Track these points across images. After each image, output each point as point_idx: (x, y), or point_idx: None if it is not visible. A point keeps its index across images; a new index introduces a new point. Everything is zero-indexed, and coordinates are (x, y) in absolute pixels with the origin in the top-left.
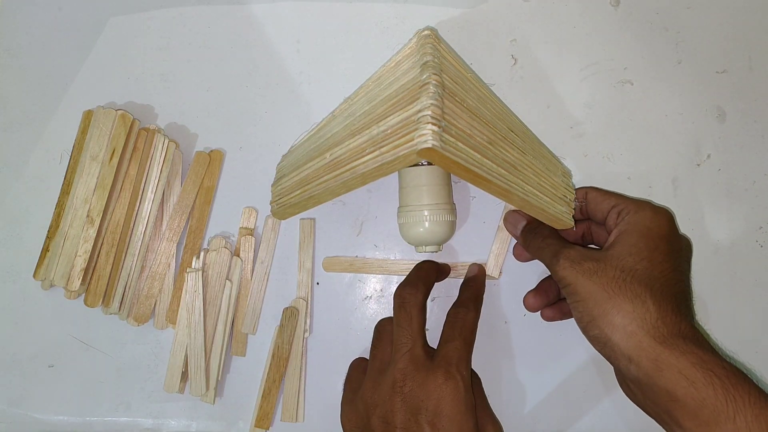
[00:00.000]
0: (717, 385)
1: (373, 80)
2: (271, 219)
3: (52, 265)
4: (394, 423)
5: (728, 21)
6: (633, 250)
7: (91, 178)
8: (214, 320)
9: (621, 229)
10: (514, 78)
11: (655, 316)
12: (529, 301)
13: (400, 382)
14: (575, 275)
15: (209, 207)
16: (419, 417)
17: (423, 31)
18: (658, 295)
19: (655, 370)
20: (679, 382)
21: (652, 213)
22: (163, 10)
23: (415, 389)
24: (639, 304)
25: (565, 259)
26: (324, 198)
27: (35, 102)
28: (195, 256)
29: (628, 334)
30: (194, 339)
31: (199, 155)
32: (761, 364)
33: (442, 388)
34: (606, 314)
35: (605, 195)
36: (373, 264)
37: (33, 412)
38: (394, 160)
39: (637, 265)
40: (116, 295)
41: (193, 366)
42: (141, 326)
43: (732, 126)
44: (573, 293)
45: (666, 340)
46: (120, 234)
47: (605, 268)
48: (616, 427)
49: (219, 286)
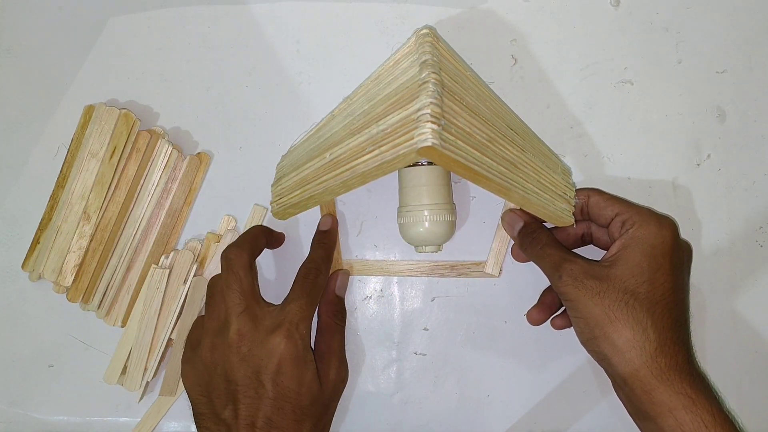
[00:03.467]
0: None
1: (372, 79)
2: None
3: (42, 258)
4: (235, 381)
5: (728, 21)
6: (636, 270)
7: (89, 175)
8: (165, 321)
9: (624, 243)
10: (514, 78)
11: (655, 346)
12: (533, 316)
13: (237, 343)
14: (577, 294)
15: (189, 208)
16: (261, 375)
17: (421, 30)
18: (659, 322)
19: (648, 402)
20: (667, 420)
21: (656, 228)
22: (163, 10)
23: (254, 349)
24: (640, 332)
25: (568, 276)
26: (324, 198)
27: (35, 102)
28: (164, 255)
29: (626, 360)
30: (143, 335)
31: (192, 159)
32: (761, 364)
33: (282, 348)
34: (607, 337)
35: (609, 200)
36: (373, 266)
37: (33, 412)
38: (394, 159)
39: (640, 287)
40: (97, 293)
41: (134, 361)
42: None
43: (732, 126)
44: (574, 309)
45: (662, 373)
46: (110, 233)
47: (608, 289)
48: (615, 427)
49: (177, 288)
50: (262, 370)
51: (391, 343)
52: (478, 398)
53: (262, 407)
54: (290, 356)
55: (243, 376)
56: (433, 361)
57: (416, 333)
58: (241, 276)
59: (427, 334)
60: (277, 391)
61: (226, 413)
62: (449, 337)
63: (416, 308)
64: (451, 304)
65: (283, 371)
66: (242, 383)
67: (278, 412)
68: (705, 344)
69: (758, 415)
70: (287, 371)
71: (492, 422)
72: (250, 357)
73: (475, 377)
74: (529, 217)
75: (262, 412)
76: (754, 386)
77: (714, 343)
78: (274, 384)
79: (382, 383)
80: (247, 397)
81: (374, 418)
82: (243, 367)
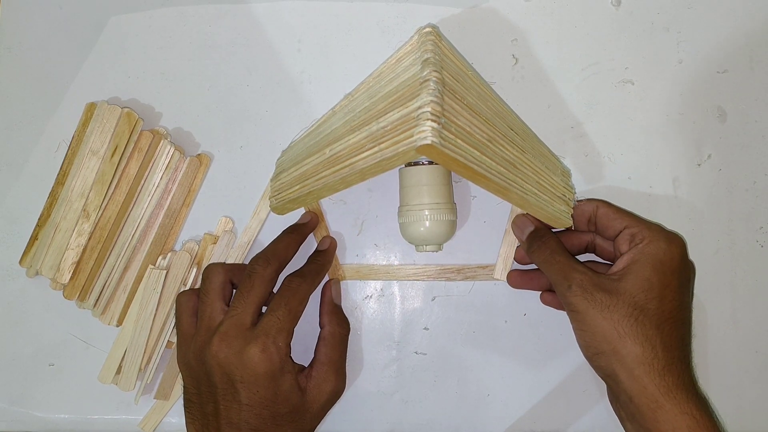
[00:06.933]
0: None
1: (373, 77)
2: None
3: (40, 255)
4: (215, 384)
5: (729, 21)
6: (646, 285)
7: (89, 173)
8: (161, 322)
9: (634, 257)
10: (515, 78)
11: (663, 363)
12: (514, 279)
13: (217, 348)
14: (586, 306)
15: (188, 209)
16: (236, 384)
17: (424, 28)
18: (667, 339)
19: (653, 420)
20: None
21: (666, 244)
22: (163, 9)
23: (231, 357)
24: (649, 349)
25: (578, 287)
26: (323, 193)
27: (35, 101)
28: (162, 255)
29: (634, 377)
30: (138, 335)
31: (192, 160)
32: (761, 364)
33: (256, 360)
34: (615, 353)
35: (618, 213)
36: (380, 270)
37: (33, 410)
38: (394, 156)
39: (649, 303)
40: (94, 291)
41: (129, 361)
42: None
43: (733, 126)
44: (581, 321)
45: (670, 392)
46: (108, 232)
47: (617, 303)
48: (615, 427)
49: (174, 288)
50: (237, 380)
51: (391, 342)
52: (477, 397)
53: (241, 412)
54: (264, 369)
55: (220, 381)
56: (433, 360)
57: (416, 332)
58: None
59: (428, 333)
60: (253, 400)
61: (209, 409)
62: (449, 337)
63: (417, 307)
64: (452, 303)
65: (257, 382)
66: (221, 387)
67: (256, 417)
68: (706, 344)
69: (758, 415)
70: (262, 383)
71: (492, 421)
72: (227, 365)
73: (475, 377)
74: (540, 223)
75: (240, 415)
76: (754, 386)
77: (714, 343)
78: (249, 393)
79: (383, 382)
80: (225, 400)
81: (374, 417)
82: (220, 372)
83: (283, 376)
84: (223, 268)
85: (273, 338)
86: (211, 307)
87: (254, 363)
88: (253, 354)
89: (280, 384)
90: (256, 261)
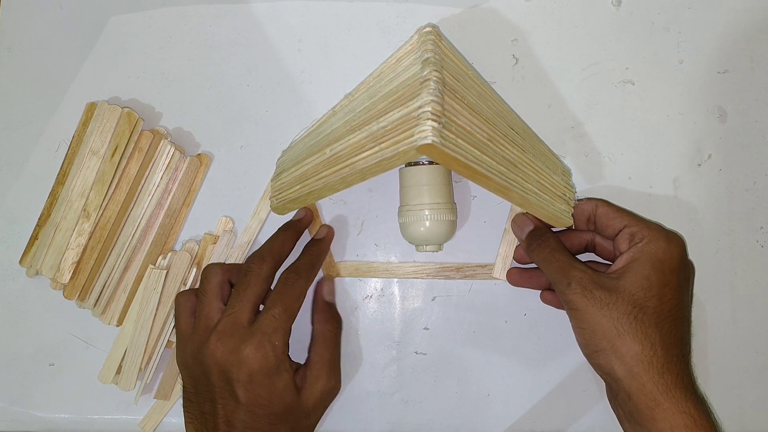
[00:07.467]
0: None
1: (373, 76)
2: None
3: (41, 254)
4: (212, 382)
5: (730, 21)
6: (645, 284)
7: (89, 172)
8: (161, 322)
9: (633, 256)
10: (515, 78)
11: (662, 362)
12: (514, 277)
13: (214, 346)
14: (585, 303)
15: (188, 209)
16: (232, 383)
17: (424, 28)
18: (666, 337)
19: (651, 418)
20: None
21: (665, 243)
22: (163, 9)
23: (227, 355)
24: (648, 347)
25: (577, 284)
26: (323, 193)
27: (36, 101)
28: (162, 255)
29: (633, 374)
30: (138, 335)
31: (192, 161)
32: (761, 364)
33: (251, 358)
34: (614, 350)
35: (617, 212)
36: (378, 267)
37: (34, 410)
38: (394, 156)
39: (649, 302)
40: (94, 292)
41: (129, 361)
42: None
43: (733, 126)
44: (580, 319)
45: (668, 390)
46: (109, 231)
47: (617, 301)
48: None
49: (174, 288)
50: (234, 378)
51: (391, 342)
52: (478, 397)
53: (236, 410)
54: (260, 367)
55: (217, 380)
56: (433, 360)
57: (417, 332)
58: (250, 284)
59: (428, 333)
60: (248, 399)
61: (207, 408)
62: (449, 337)
63: (417, 307)
64: (452, 303)
65: (253, 380)
66: (217, 386)
67: (251, 416)
68: (706, 344)
69: (758, 415)
70: (257, 381)
71: (492, 421)
72: (223, 363)
73: (475, 376)
74: (540, 222)
75: (237, 414)
76: (754, 386)
77: (714, 343)
78: (245, 391)
79: (383, 382)
80: (222, 398)
81: (374, 417)
82: (217, 371)
83: (279, 374)
84: (221, 268)
85: (269, 336)
86: (208, 306)
87: (250, 361)
88: (248, 352)
89: (276, 382)
90: (252, 260)
